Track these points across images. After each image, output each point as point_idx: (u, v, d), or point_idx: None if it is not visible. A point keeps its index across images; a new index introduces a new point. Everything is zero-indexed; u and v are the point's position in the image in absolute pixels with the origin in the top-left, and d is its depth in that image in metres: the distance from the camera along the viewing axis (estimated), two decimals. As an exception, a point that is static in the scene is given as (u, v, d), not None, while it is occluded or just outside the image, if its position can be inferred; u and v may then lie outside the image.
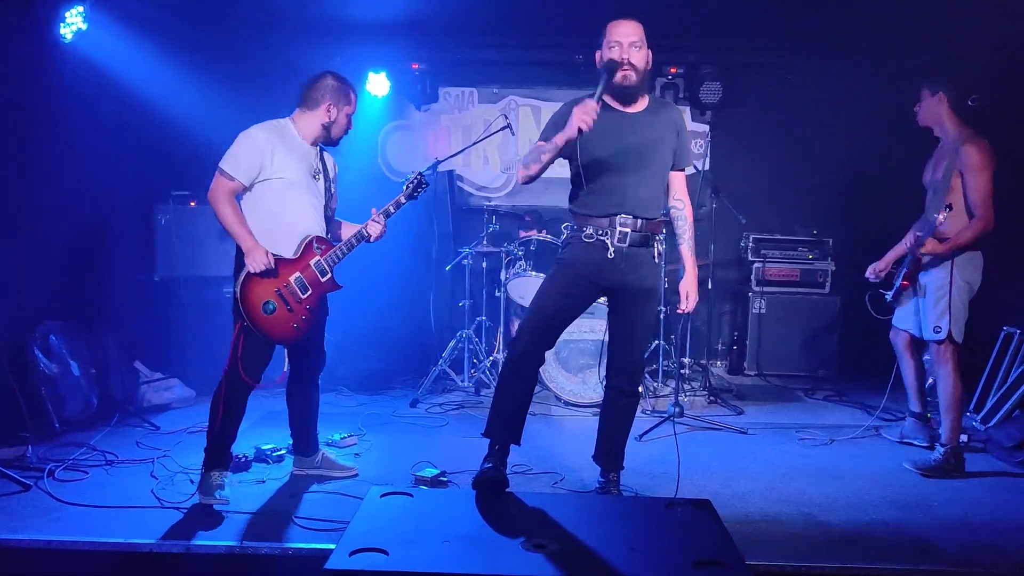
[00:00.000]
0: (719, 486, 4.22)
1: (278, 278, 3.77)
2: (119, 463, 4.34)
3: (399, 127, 7.42)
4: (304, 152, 3.90)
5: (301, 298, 3.83)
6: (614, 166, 3.61)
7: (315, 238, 3.89)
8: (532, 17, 6.40)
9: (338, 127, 3.98)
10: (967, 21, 5.88)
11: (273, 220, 3.81)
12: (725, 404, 5.92)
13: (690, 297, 3.85)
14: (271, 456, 4.37)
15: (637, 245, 3.67)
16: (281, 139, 3.83)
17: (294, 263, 3.83)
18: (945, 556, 3.42)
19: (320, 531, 3.47)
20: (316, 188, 3.94)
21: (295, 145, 3.88)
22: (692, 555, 2.54)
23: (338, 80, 3.95)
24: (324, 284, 3.93)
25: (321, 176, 3.98)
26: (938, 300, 4.52)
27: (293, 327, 3.83)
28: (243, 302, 3.71)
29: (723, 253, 6.94)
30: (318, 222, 3.95)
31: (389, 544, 2.62)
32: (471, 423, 5.39)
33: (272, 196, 3.80)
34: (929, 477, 4.39)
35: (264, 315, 3.73)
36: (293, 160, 3.83)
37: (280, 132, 3.86)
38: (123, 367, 5.42)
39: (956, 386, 4.47)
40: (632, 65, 3.58)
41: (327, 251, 3.92)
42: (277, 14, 6.16)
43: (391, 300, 7.04)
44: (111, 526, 3.52)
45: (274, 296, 3.76)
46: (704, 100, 6.89)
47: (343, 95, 3.94)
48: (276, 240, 3.80)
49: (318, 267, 3.88)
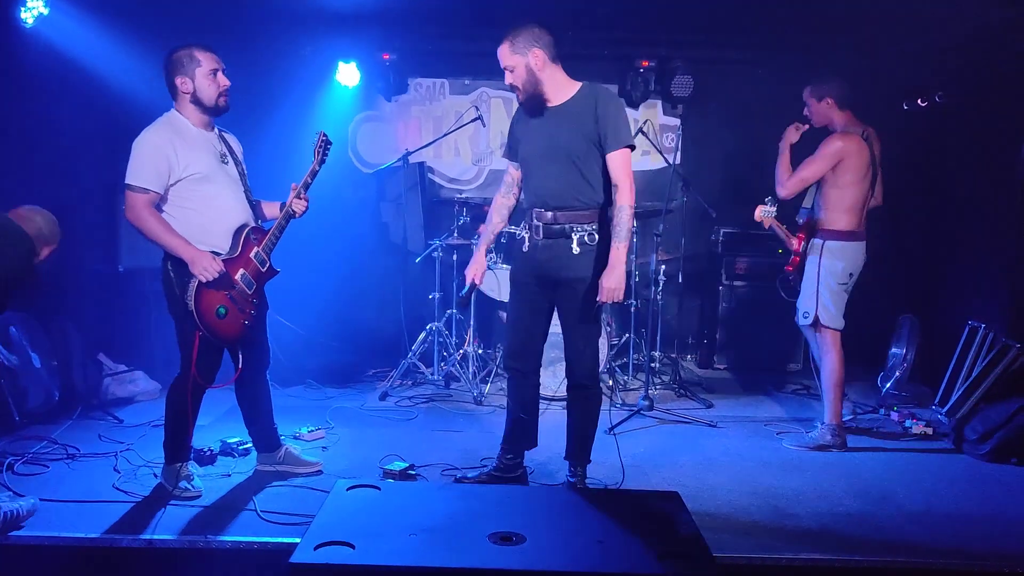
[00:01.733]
0: (688, 479, 4.23)
1: (225, 279, 3.63)
2: (81, 457, 4.28)
3: (369, 118, 7.35)
4: (203, 140, 3.71)
5: (248, 294, 3.74)
6: (530, 163, 3.83)
7: (250, 228, 3.77)
8: (504, 8, 6.35)
9: (205, 92, 3.65)
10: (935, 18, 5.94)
11: (199, 219, 3.66)
12: (695, 397, 5.94)
13: (603, 289, 3.61)
14: (237, 450, 4.32)
15: (554, 236, 3.73)
16: (177, 133, 3.64)
17: (237, 260, 3.71)
18: (909, 547, 3.46)
19: (286, 525, 3.44)
20: (229, 173, 3.77)
21: (192, 135, 3.68)
22: (659, 547, 2.54)
23: (173, 51, 3.66)
24: (264, 274, 3.83)
25: (230, 159, 3.80)
26: (808, 286, 4.84)
27: (243, 324, 3.75)
28: (197, 311, 3.58)
29: (694, 247, 6.96)
30: (245, 209, 3.81)
31: (355, 537, 2.59)
32: (440, 416, 5.38)
33: (190, 195, 3.64)
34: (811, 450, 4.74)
35: (217, 319, 3.64)
36: (196, 151, 3.65)
37: (174, 126, 3.67)
38: (86, 359, 5.33)
39: (836, 371, 4.77)
40: (514, 86, 3.77)
41: (263, 240, 3.80)
42: (245, 2, 6.07)
43: (360, 292, 6.99)
44: (71, 521, 3.46)
45: (225, 300, 3.65)
46: (675, 94, 6.88)
47: (187, 59, 3.62)
48: (209, 240, 3.66)
49: (258, 258, 3.78)
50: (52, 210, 5.26)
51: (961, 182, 6.23)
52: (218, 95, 3.68)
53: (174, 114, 3.71)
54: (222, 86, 3.68)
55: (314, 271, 6.72)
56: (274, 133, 6.28)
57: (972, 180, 6.14)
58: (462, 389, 5.97)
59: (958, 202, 6.31)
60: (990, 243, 5.75)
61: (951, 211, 6.52)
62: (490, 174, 7.28)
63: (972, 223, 6.17)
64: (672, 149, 7.05)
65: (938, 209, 6.62)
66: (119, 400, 5.33)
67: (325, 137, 3.93)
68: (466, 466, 4.30)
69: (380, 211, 6.97)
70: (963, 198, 6.12)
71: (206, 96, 3.66)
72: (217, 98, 3.68)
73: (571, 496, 3.32)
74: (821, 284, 4.76)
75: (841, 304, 4.79)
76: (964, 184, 6.19)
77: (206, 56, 3.64)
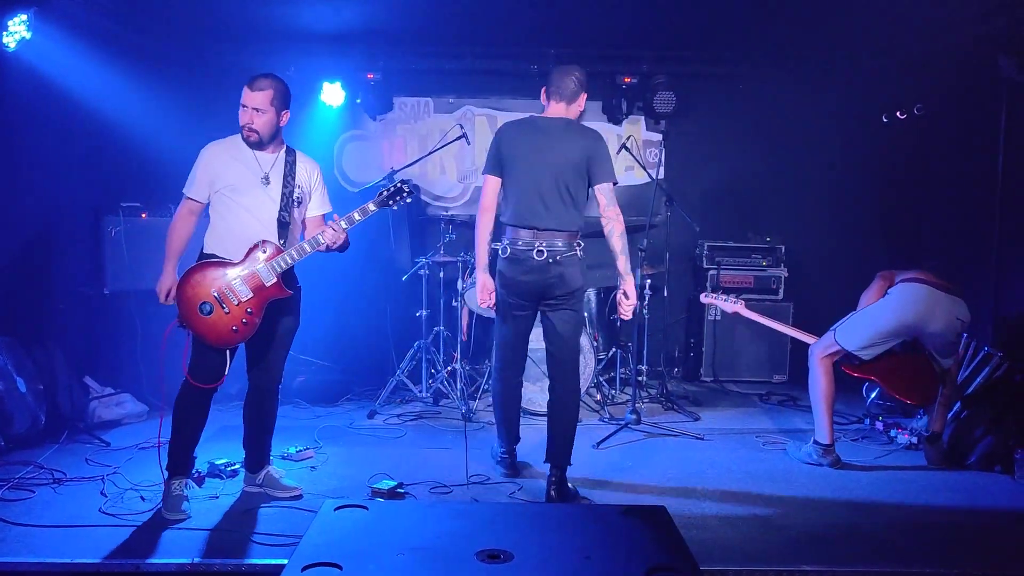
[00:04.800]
0: (676, 492, 4.25)
1: (218, 279, 3.77)
2: (67, 481, 4.24)
3: (354, 137, 7.38)
4: (250, 159, 3.91)
5: (240, 301, 3.77)
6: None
7: (262, 242, 3.84)
8: (487, 27, 6.43)
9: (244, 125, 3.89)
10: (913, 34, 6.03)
11: (225, 229, 3.88)
12: (681, 410, 5.97)
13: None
14: (225, 471, 4.30)
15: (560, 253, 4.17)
16: (229, 150, 3.92)
17: (235, 265, 3.81)
18: (897, 558, 3.48)
19: (273, 546, 3.43)
20: (266, 194, 3.91)
21: (241, 153, 3.91)
22: (646, 561, 2.54)
23: None
24: (269, 289, 3.83)
25: (276, 180, 3.93)
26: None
27: (232, 330, 3.77)
28: (179, 300, 3.76)
29: (678, 261, 7.00)
30: (267, 227, 3.90)
31: (343, 558, 2.58)
32: (429, 433, 5.37)
33: (221, 205, 3.89)
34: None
35: (200, 316, 3.73)
36: (236, 166, 3.88)
37: (231, 143, 3.94)
38: (72, 383, 5.30)
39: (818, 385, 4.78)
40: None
41: (274, 256, 3.83)
42: (230, 23, 6.10)
43: (348, 310, 7.00)
44: (58, 546, 3.44)
45: (210, 297, 3.74)
46: (658, 110, 6.94)
47: None
48: (227, 246, 3.85)
49: (262, 272, 3.81)
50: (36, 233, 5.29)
51: (941, 193, 6.31)
52: (241, 127, 3.88)
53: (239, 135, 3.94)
54: (242, 121, 3.87)
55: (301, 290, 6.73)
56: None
57: (952, 191, 6.21)
58: (451, 406, 5.98)
59: (939, 213, 6.39)
60: (972, 253, 5.81)
61: (932, 222, 6.60)
62: (475, 191, 7.31)
63: (953, 233, 6.24)
64: (655, 164, 7.11)
65: (919, 220, 6.69)
66: (106, 423, 5.29)
67: (400, 186, 4.00)
68: (455, 483, 4.30)
69: (366, 230, 6.96)
70: (943, 208, 6.20)
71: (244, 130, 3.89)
72: (241, 129, 3.89)
73: (559, 512, 3.32)
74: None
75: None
76: (944, 195, 6.27)
77: (243, 91, 3.85)
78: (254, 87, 3.83)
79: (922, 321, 4.61)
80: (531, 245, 4.06)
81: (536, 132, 4.15)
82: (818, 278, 7.22)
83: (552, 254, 4.05)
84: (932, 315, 4.59)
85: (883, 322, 4.67)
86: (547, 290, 4.11)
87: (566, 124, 4.17)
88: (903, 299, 4.67)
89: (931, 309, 4.59)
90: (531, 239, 4.07)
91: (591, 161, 4.08)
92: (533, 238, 4.07)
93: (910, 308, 4.63)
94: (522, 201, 4.11)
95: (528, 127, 4.20)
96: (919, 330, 4.66)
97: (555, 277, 4.07)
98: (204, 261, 3.84)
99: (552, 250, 4.05)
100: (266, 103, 3.82)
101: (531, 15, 6.06)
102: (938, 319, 4.59)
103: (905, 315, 4.63)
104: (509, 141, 4.16)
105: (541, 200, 4.07)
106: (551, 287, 4.09)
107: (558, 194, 4.07)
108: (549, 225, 4.06)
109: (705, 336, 7.04)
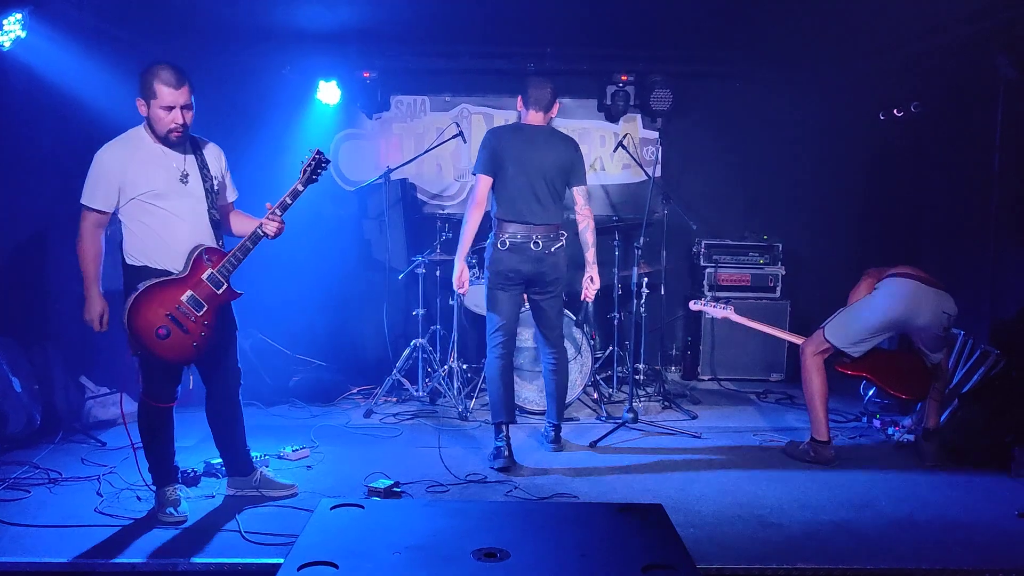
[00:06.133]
0: (673, 490, 4.24)
1: (168, 301, 3.56)
2: (63, 481, 4.23)
3: (351, 136, 7.36)
4: (162, 157, 3.63)
5: (196, 316, 3.61)
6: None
7: (204, 249, 3.66)
8: (483, 26, 6.41)
9: (157, 124, 3.58)
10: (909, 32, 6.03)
11: (152, 238, 3.62)
12: (679, 409, 5.96)
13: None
14: (221, 471, 4.27)
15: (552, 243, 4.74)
16: (135, 151, 3.60)
17: (184, 281, 3.61)
18: (893, 555, 3.48)
19: (269, 545, 3.42)
20: (190, 191, 3.68)
21: (150, 152, 3.62)
22: (642, 560, 2.54)
23: (144, 72, 3.57)
24: (221, 296, 3.68)
25: (195, 177, 3.69)
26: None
27: (193, 346, 3.62)
28: (132, 330, 3.52)
29: (675, 259, 7.00)
30: (203, 229, 3.72)
31: (339, 557, 2.58)
32: (426, 433, 5.37)
33: (145, 213, 3.60)
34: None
35: (158, 341, 3.54)
36: (151, 169, 3.59)
37: (134, 143, 3.63)
38: (68, 382, 5.29)
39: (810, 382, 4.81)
40: None
41: (219, 261, 3.67)
42: (225, 23, 6.08)
43: (344, 310, 6.99)
44: (53, 546, 3.43)
45: (166, 320, 3.55)
46: (654, 108, 6.94)
47: (147, 88, 3.54)
48: (162, 258, 3.62)
49: (211, 280, 3.65)
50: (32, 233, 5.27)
51: (938, 190, 6.31)
52: (168, 130, 3.59)
53: (139, 129, 3.67)
54: (174, 122, 3.58)
55: (297, 290, 6.73)
56: (255, 153, 6.28)
57: (948, 188, 6.22)
58: (447, 405, 5.97)
59: (935, 210, 6.39)
60: (968, 251, 5.81)
61: (928, 219, 6.60)
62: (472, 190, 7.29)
63: (949, 231, 6.24)
64: (652, 162, 7.11)
65: (915, 217, 6.70)
66: (102, 423, 5.28)
67: (319, 156, 3.79)
68: (451, 482, 4.30)
69: (363, 228, 6.97)
70: (940, 206, 6.20)
71: (157, 127, 3.61)
72: (167, 132, 3.60)
73: (555, 510, 3.32)
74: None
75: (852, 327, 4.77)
76: (941, 192, 6.27)
77: (165, 92, 3.53)
78: (179, 84, 3.54)
79: (909, 315, 4.62)
80: (528, 237, 4.61)
81: (526, 138, 4.70)
82: (815, 276, 7.23)
83: (547, 245, 4.64)
84: (919, 309, 4.60)
85: (871, 318, 4.68)
86: (540, 277, 4.68)
87: (550, 132, 4.81)
88: (890, 294, 4.68)
89: (918, 303, 4.61)
90: (528, 232, 4.62)
91: (573, 166, 4.75)
92: (529, 231, 4.62)
93: (898, 303, 4.64)
94: (518, 199, 4.64)
95: (518, 133, 4.74)
96: (907, 324, 4.67)
97: (549, 266, 4.67)
98: (148, 286, 3.56)
99: (546, 241, 4.64)
100: (191, 97, 3.60)
101: (528, 14, 6.04)
102: (925, 312, 4.60)
103: (893, 310, 4.64)
104: (504, 145, 4.65)
105: (535, 198, 4.64)
106: (543, 274, 4.68)
107: (548, 193, 4.68)
108: (542, 220, 4.65)
109: (703, 334, 7.03)
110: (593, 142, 7.42)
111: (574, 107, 7.36)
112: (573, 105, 7.35)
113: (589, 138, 7.41)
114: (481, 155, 4.68)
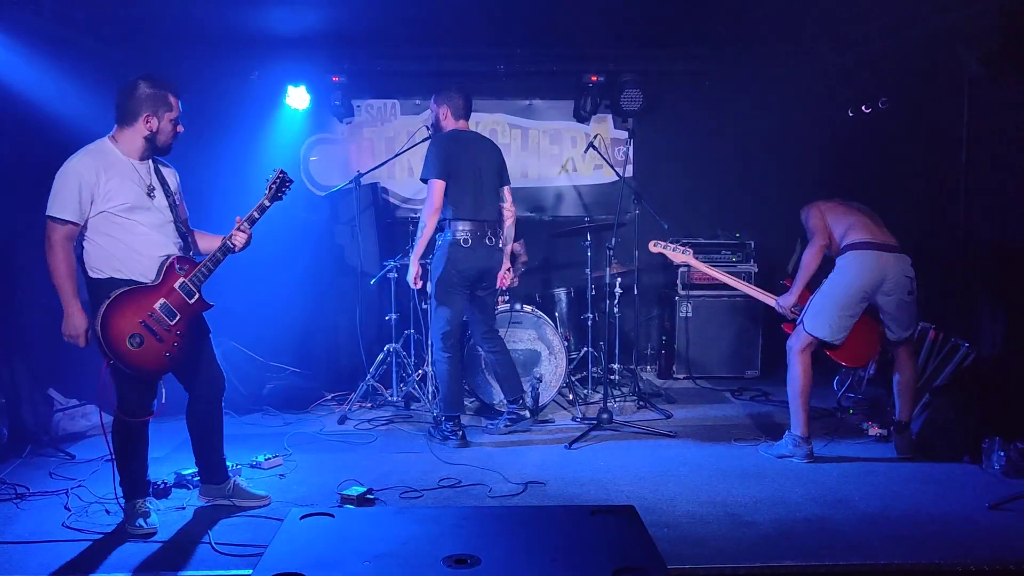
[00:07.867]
0: (647, 491, 4.24)
1: (141, 309, 3.56)
2: (30, 496, 4.16)
3: (321, 140, 7.33)
4: (132, 170, 3.64)
5: (170, 325, 3.63)
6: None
7: (176, 259, 3.69)
8: (452, 28, 6.40)
9: (164, 135, 3.69)
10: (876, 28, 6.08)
11: (124, 249, 3.61)
12: (654, 408, 5.97)
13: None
14: (191, 482, 4.23)
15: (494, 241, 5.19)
16: (105, 163, 3.58)
17: (157, 289, 3.62)
18: (867, 550, 3.49)
19: (239, 556, 3.38)
20: (157, 205, 3.70)
21: (121, 165, 3.62)
22: (613, 563, 2.53)
23: (152, 86, 3.64)
24: (193, 305, 3.72)
25: (159, 191, 3.72)
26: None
27: (166, 356, 3.63)
28: (105, 339, 3.49)
29: (648, 258, 6.96)
30: (173, 240, 3.75)
31: (307, 567, 2.55)
32: (400, 438, 5.34)
33: (114, 226, 3.59)
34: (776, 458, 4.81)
35: (131, 350, 3.53)
36: (122, 181, 3.59)
37: (104, 155, 3.61)
38: (36, 395, 5.20)
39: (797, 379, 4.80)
40: None
41: (191, 271, 3.71)
42: (192, 28, 6.03)
43: (317, 316, 6.93)
44: (20, 562, 3.38)
45: (139, 328, 3.54)
46: (625, 108, 6.96)
47: (161, 101, 3.65)
48: (132, 269, 3.61)
49: (184, 289, 3.68)
50: (-3, 243, 5.16)
51: (906, 186, 6.35)
52: (171, 141, 3.75)
53: (105, 142, 3.66)
54: (176, 132, 3.74)
55: (269, 296, 6.66)
56: (226, 158, 6.23)
57: (916, 184, 6.26)
58: (422, 409, 5.95)
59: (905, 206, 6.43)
60: (936, 246, 5.85)
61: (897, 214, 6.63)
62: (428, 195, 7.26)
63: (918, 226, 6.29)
64: (623, 162, 7.12)
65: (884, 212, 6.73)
66: (71, 435, 5.20)
67: (283, 175, 3.87)
68: (425, 487, 4.28)
69: (334, 234, 6.92)
70: (908, 201, 6.24)
71: (163, 139, 3.70)
72: (170, 142, 3.75)
73: (528, 514, 3.30)
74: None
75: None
76: (909, 188, 6.31)
77: (176, 104, 3.69)
78: (181, 94, 3.71)
79: (876, 283, 4.69)
80: (484, 233, 5.05)
81: (467, 143, 5.13)
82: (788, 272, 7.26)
83: (496, 241, 5.13)
84: (885, 276, 4.68)
85: (842, 298, 4.71)
86: (490, 272, 5.13)
87: (480, 137, 5.35)
88: (853, 271, 4.72)
89: (883, 270, 4.68)
90: (484, 229, 5.05)
91: (503, 166, 5.27)
92: (484, 228, 5.05)
93: (865, 276, 4.68)
94: (467, 199, 5.02)
95: (460, 139, 5.12)
96: (875, 291, 4.71)
97: (496, 261, 5.15)
98: (120, 294, 3.54)
99: (495, 237, 5.13)
100: None
101: (496, 15, 6.04)
102: (890, 278, 4.68)
103: (860, 283, 4.69)
104: (452, 150, 5.01)
105: (484, 197, 5.07)
106: (492, 269, 5.14)
107: (492, 192, 5.15)
108: (489, 217, 5.10)
109: (677, 333, 7.05)
110: (564, 143, 7.42)
111: (544, 108, 7.36)
112: (544, 106, 7.36)
113: (560, 139, 7.41)
114: (434, 162, 4.97)
